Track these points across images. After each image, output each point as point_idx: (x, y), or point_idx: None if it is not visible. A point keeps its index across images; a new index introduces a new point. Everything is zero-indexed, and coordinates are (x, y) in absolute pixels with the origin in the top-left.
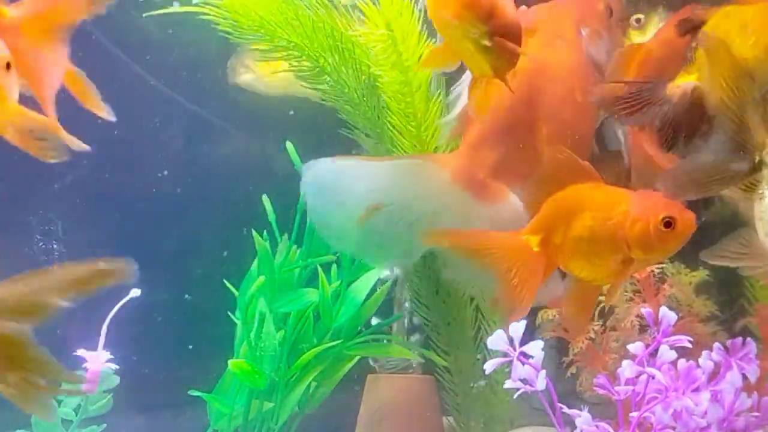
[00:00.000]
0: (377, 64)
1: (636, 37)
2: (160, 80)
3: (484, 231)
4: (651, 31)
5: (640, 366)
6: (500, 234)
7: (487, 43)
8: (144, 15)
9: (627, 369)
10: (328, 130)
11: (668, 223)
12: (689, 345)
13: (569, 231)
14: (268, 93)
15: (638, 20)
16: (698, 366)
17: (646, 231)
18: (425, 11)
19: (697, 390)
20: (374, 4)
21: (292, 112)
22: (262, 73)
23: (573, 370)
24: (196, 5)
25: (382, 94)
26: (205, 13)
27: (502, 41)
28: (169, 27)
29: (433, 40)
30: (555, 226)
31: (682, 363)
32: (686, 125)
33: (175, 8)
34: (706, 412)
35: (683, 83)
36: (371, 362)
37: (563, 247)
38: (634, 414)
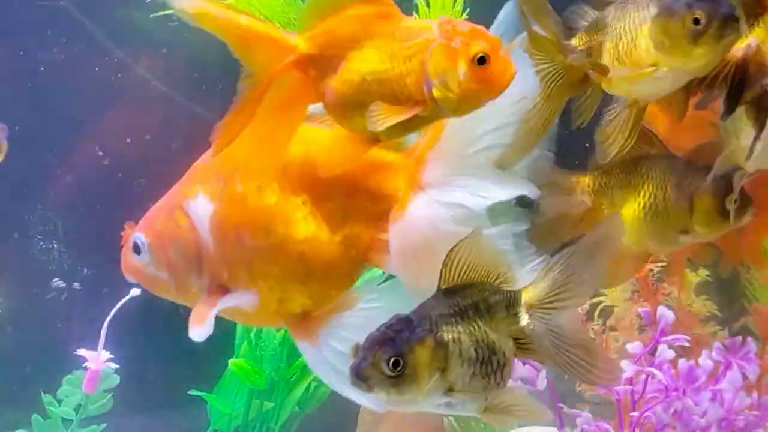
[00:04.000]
0: None
1: None
2: (161, 79)
3: None
4: None
5: (638, 365)
6: None
7: None
8: (151, 16)
9: (626, 368)
10: None
11: None
12: (687, 344)
13: None
14: None
15: None
16: (698, 365)
17: None
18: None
19: (697, 389)
20: None
21: None
22: None
23: None
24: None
25: None
26: None
27: None
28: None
29: None
30: None
31: (682, 363)
32: (752, 83)
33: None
34: (706, 412)
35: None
36: None
37: None
38: (635, 414)
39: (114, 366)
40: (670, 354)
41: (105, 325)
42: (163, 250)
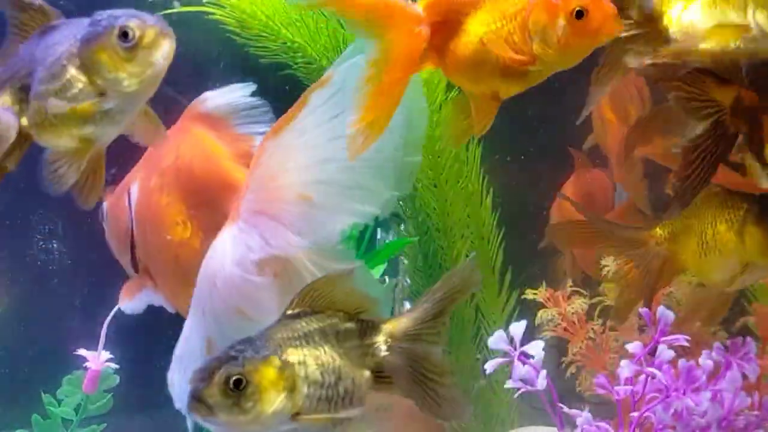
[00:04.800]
0: None
1: None
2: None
3: None
4: None
5: (638, 365)
6: None
7: None
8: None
9: (625, 368)
10: None
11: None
12: (686, 344)
13: None
14: None
15: None
16: (698, 365)
17: None
18: None
19: (697, 389)
20: None
21: None
22: None
23: (573, 369)
24: (204, 5)
25: None
26: (212, 13)
27: None
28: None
29: None
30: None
31: (682, 362)
32: None
33: (186, 8)
34: (706, 412)
35: None
36: None
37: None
38: (635, 414)
39: (114, 366)
40: (670, 354)
41: (105, 325)
42: (111, 223)
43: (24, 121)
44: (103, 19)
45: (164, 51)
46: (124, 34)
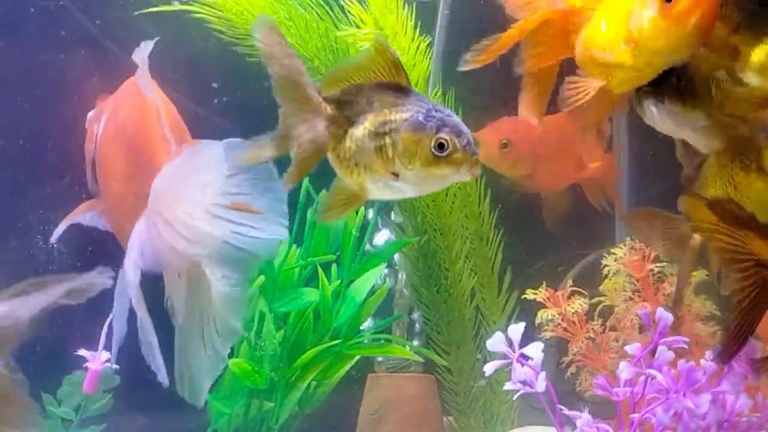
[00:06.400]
0: None
1: None
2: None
3: None
4: None
5: (637, 367)
6: None
7: None
8: (136, 13)
9: (624, 370)
10: None
11: None
12: (685, 346)
13: None
14: None
15: None
16: (699, 366)
17: None
18: (416, 7)
19: (697, 391)
20: (361, 3)
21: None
22: None
23: (573, 370)
24: (189, 4)
25: None
26: (198, 12)
27: None
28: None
29: (425, 36)
30: None
31: (682, 363)
32: None
33: (169, 6)
34: (707, 413)
35: None
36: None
37: None
38: (635, 415)
39: (114, 366)
40: (670, 355)
41: (105, 325)
42: (87, 138)
43: (329, 143)
44: (436, 119)
45: (459, 173)
46: (440, 145)
